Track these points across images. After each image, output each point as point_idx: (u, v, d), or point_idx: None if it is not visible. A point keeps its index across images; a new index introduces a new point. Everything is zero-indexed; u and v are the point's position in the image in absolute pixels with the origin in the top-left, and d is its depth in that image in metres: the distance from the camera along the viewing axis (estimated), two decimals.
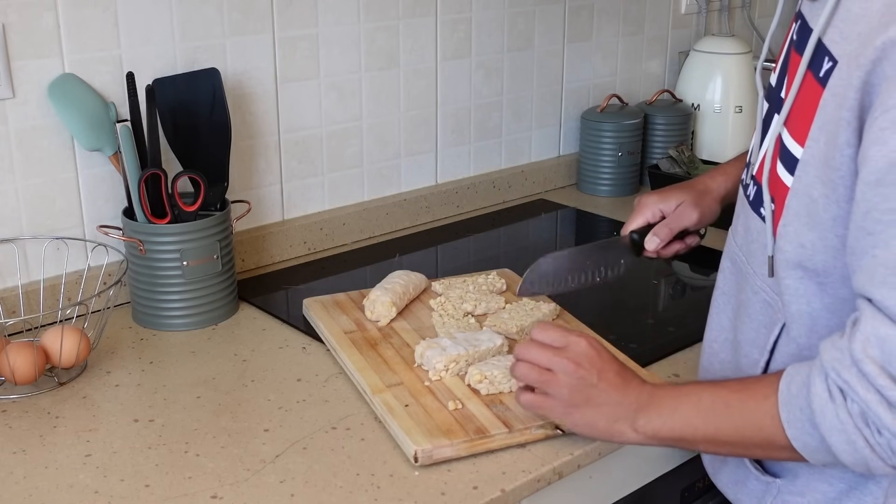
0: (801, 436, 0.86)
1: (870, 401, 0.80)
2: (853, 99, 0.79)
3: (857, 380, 0.80)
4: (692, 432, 0.94)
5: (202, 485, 0.97)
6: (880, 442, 0.81)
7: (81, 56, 1.30)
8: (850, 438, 0.82)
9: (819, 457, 0.87)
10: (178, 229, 1.29)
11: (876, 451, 0.82)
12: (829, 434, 0.83)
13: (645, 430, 0.95)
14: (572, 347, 0.98)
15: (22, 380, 1.13)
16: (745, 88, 2.04)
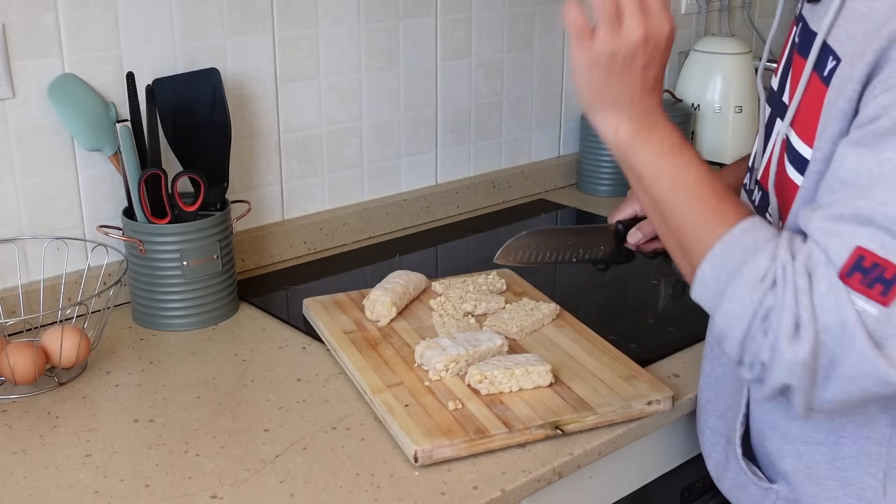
0: (710, 275, 0.85)
1: (787, 307, 0.79)
2: (852, 90, 0.80)
3: (792, 285, 0.79)
4: (654, 183, 0.89)
5: (202, 485, 0.97)
6: (756, 338, 0.81)
7: (81, 56, 1.30)
8: (741, 315, 0.81)
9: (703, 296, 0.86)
10: (178, 229, 1.29)
11: (745, 340, 0.82)
12: (731, 296, 0.83)
13: (623, 139, 0.89)
14: (655, 22, 0.86)
15: (22, 380, 1.14)
16: (745, 88, 2.04)
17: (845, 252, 0.76)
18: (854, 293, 0.76)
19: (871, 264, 0.75)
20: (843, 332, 0.76)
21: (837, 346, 0.77)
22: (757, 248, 0.83)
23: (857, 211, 0.77)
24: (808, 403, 0.81)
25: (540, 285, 1.41)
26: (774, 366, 0.80)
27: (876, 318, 0.76)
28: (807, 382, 0.79)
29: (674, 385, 1.16)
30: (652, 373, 1.17)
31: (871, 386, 0.77)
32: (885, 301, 0.75)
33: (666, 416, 1.12)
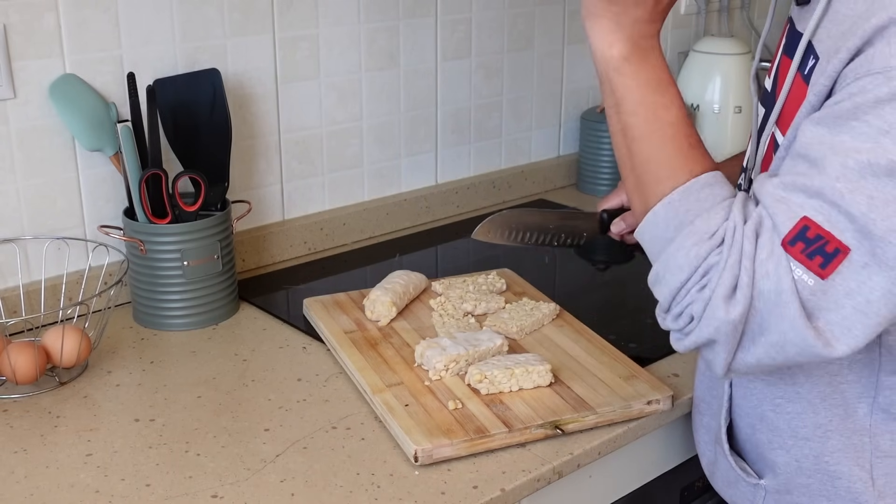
0: (662, 220, 0.86)
1: (729, 267, 0.80)
2: (822, 85, 0.81)
3: (739, 248, 0.80)
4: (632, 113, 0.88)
5: (203, 484, 0.98)
6: (691, 291, 0.82)
7: (82, 56, 1.30)
8: (682, 265, 0.82)
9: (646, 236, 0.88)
10: (178, 229, 1.29)
11: (680, 290, 0.83)
12: (677, 247, 0.83)
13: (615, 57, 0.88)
14: None
15: (23, 379, 1.14)
16: (745, 89, 2.04)
17: (791, 220, 0.78)
18: (794, 262, 0.77)
19: (815, 235, 0.77)
20: (777, 299, 0.78)
21: (769, 313, 0.78)
22: (713, 204, 0.84)
23: (809, 182, 0.78)
24: (727, 363, 0.82)
25: (540, 285, 1.41)
26: (704, 321, 0.81)
27: (811, 289, 0.77)
28: (732, 343, 0.81)
29: (673, 385, 1.17)
30: (651, 372, 1.17)
31: (794, 354, 0.79)
32: (823, 273, 0.77)
33: (665, 415, 1.13)
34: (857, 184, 0.75)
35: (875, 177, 0.75)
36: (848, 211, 0.76)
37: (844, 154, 0.76)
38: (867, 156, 0.75)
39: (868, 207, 0.75)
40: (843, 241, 0.76)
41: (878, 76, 0.76)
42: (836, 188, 0.76)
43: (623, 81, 0.88)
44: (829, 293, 0.77)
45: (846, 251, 0.76)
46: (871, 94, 0.76)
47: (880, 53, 0.76)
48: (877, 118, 0.75)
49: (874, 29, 0.77)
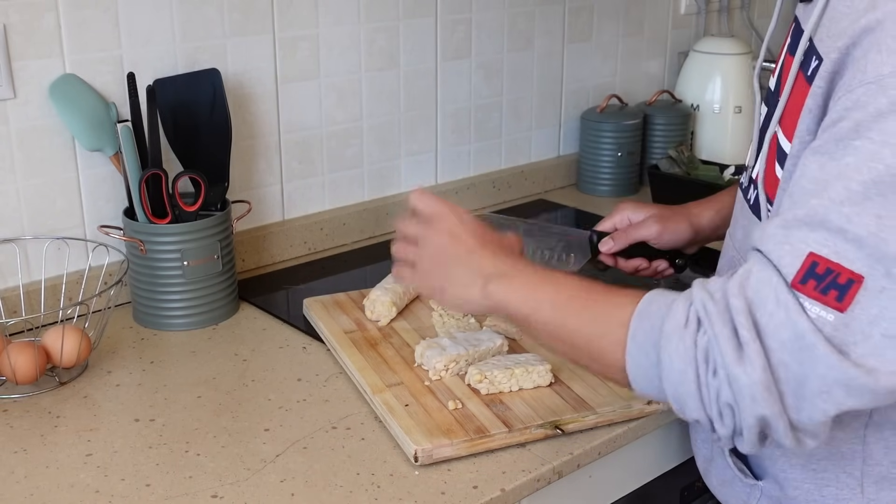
0: (637, 353, 0.83)
1: (721, 336, 0.77)
2: (818, 87, 0.80)
3: (719, 313, 0.78)
4: (538, 314, 0.91)
5: (203, 484, 0.98)
6: (710, 383, 0.78)
7: (82, 56, 1.30)
8: (684, 368, 0.79)
9: (642, 381, 0.84)
10: (178, 229, 1.29)
11: (700, 391, 0.79)
12: (665, 357, 0.80)
13: (494, 296, 0.93)
14: (439, 217, 0.98)
15: (23, 379, 1.14)
16: (745, 89, 2.04)
17: (798, 260, 0.75)
18: (809, 300, 0.74)
19: (825, 270, 0.74)
20: (800, 344, 0.75)
21: (800, 362, 0.75)
22: (668, 306, 0.82)
23: (810, 212, 0.75)
24: (789, 430, 0.78)
25: None
26: (739, 400, 0.77)
27: (833, 325, 0.74)
28: (777, 405, 0.76)
29: None
30: None
31: (843, 396, 0.74)
32: (841, 307, 0.74)
33: (665, 415, 1.13)
34: (862, 205, 0.73)
35: (881, 195, 0.72)
36: (857, 235, 0.73)
37: (847, 177, 0.74)
38: (869, 174, 0.72)
39: (878, 227, 0.72)
40: (854, 271, 0.73)
41: (871, 86, 0.74)
42: (842, 213, 0.73)
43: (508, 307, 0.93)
44: (851, 325, 0.74)
45: (860, 280, 0.73)
46: (870, 107, 0.73)
47: (872, 62, 0.74)
48: (879, 133, 0.73)
49: (862, 30, 0.75)
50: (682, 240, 1.21)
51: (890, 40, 0.73)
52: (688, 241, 1.22)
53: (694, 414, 0.81)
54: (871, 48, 0.74)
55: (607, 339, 0.86)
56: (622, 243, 1.20)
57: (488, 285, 0.94)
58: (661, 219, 1.20)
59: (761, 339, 0.76)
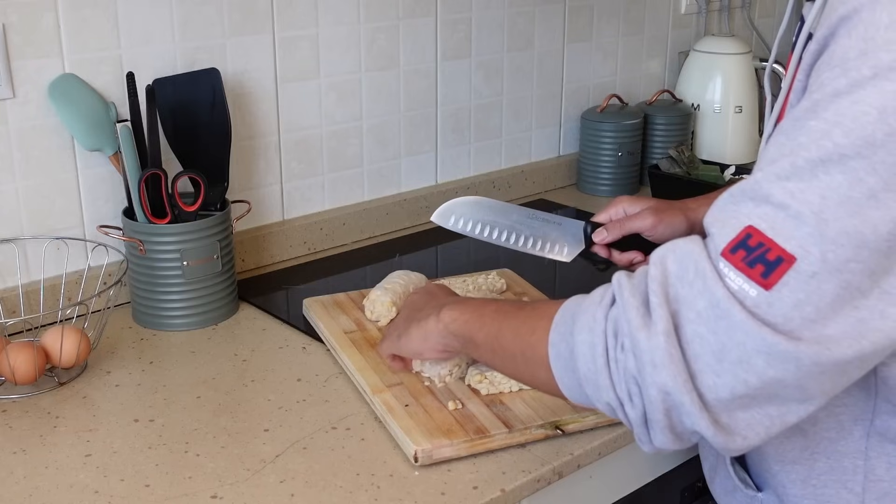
0: (558, 341, 0.82)
1: (629, 304, 0.75)
2: (800, 80, 0.79)
3: (633, 286, 0.76)
4: (479, 328, 0.95)
5: (202, 484, 0.97)
6: (618, 357, 0.76)
7: (81, 56, 1.30)
8: (594, 341, 0.78)
9: (564, 373, 0.82)
10: (178, 229, 1.29)
11: (609, 367, 0.77)
12: (578, 332, 0.79)
13: (444, 318, 1.00)
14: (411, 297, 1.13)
15: (22, 380, 1.14)
16: (745, 88, 2.04)
17: (734, 230, 0.73)
18: (734, 271, 0.72)
19: (757, 243, 0.72)
20: (716, 312, 0.72)
21: (716, 331, 0.72)
22: (590, 294, 0.82)
23: (755, 186, 0.73)
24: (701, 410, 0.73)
25: (540, 285, 1.41)
26: (640, 368, 0.74)
27: (755, 301, 0.71)
28: (681, 375, 0.73)
29: None
30: None
31: (763, 365, 0.71)
32: (767, 283, 0.71)
33: None
34: (808, 182, 0.70)
35: (827, 173, 0.70)
36: (798, 211, 0.70)
37: (795, 153, 0.72)
38: (818, 152, 0.70)
39: (821, 206, 0.70)
40: (786, 250, 0.70)
41: (835, 69, 0.72)
42: (786, 188, 0.71)
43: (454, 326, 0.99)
44: (774, 305, 0.71)
45: (790, 259, 0.70)
46: (828, 87, 0.71)
47: (840, 46, 0.73)
48: (834, 113, 0.70)
49: (839, 19, 0.74)
50: (677, 233, 1.19)
51: (861, 26, 0.72)
52: (683, 234, 1.21)
53: (605, 395, 0.78)
54: (842, 34, 0.73)
55: (536, 335, 0.86)
56: (616, 234, 1.18)
57: (441, 312, 1.01)
58: (657, 211, 1.18)
59: (677, 312, 0.74)
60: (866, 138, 0.69)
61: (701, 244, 0.75)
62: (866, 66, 0.70)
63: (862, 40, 0.71)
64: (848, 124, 0.70)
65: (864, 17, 0.72)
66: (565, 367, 0.82)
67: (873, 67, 0.69)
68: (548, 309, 0.86)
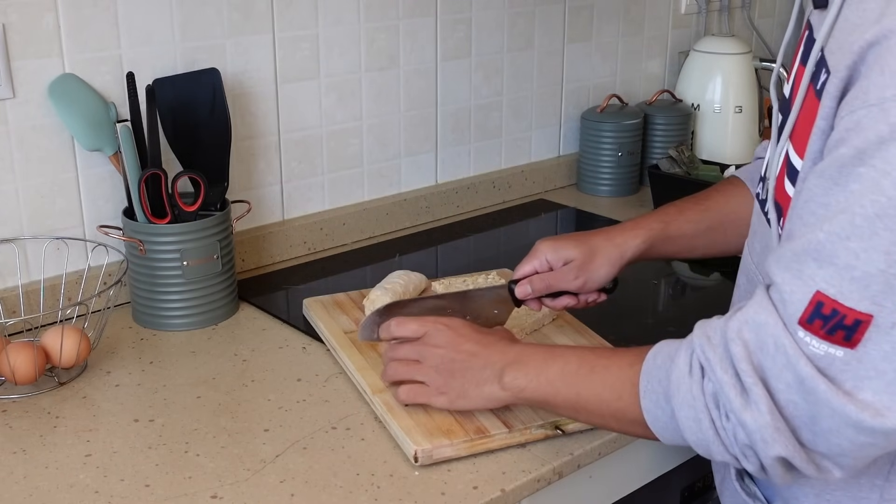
0: (653, 408, 0.86)
1: (724, 382, 0.79)
2: (828, 107, 0.77)
3: (720, 360, 0.79)
4: (555, 394, 0.95)
5: (202, 484, 0.97)
6: (726, 427, 0.80)
7: (82, 56, 1.30)
8: (698, 416, 0.81)
9: (667, 434, 0.86)
10: (178, 229, 1.29)
11: (720, 435, 0.81)
12: (679, 408, 0.82)
13: (511, 387, 0.98)
14: (430, 334, 1.03)
15: (22, 380, 1.14)
16: (745, 88, 2.04)
17: (806, 297, 0.75)
18: (817, 339, 0.74)
19: (831, 311, 0.73)
20: (804, 386, 0.75)
21: (807, 402, 0.75)
22: (672, 356, 0.84)
23: (818, 246, 0.74)
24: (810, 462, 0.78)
25: None
26: (753, 443, 0.79)
27: (844, 360, 0.74)
28: (790, 443, 0.77)
29: None
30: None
31: (853, 435, 0.75)
32: (851, 345, 0.73)
33: None
34: (870, 241, 0.71)
35: (888, 230, 0.70)
36: (865, 272, 0.71)
37: (851, 210, 0.72)
38: (873, 208, 0.71)
39: (887, 264, 0.71)
40: (861, 311, 0.72)
41: (873, 108, 0.71)
42: (849, 248, 0.72)
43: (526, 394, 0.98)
44: (864, 361, 0.73)
45: (868, 319, 0.72)
46: (871, 132, 0.71)
47: (875, 84, 0.72)
48: (882, 161, 0.71)
49: (868, 45, 0.73)
50: (605, 280, 1.17)
51: (893, 60, 0.71)
52: (612, 277, 1.19)
53: (720, 457, 0.83)
54: (874, 66, 0.72)
55: (623, 401, 0.89)
56: (542, 290, 1.15)
57: (503, 378, 0.98)
58: (581, 268, 1.15)
59: (766, 381, 0.77)
60: None
61: (775, 315, 0.77)
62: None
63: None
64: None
65: (894, 47, 0.71)
66: (670, 433, 0.86)
67: None
68: (626, 374, 0.89)
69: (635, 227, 1.19)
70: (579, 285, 1.16)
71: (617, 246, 1.17)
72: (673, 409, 0.83)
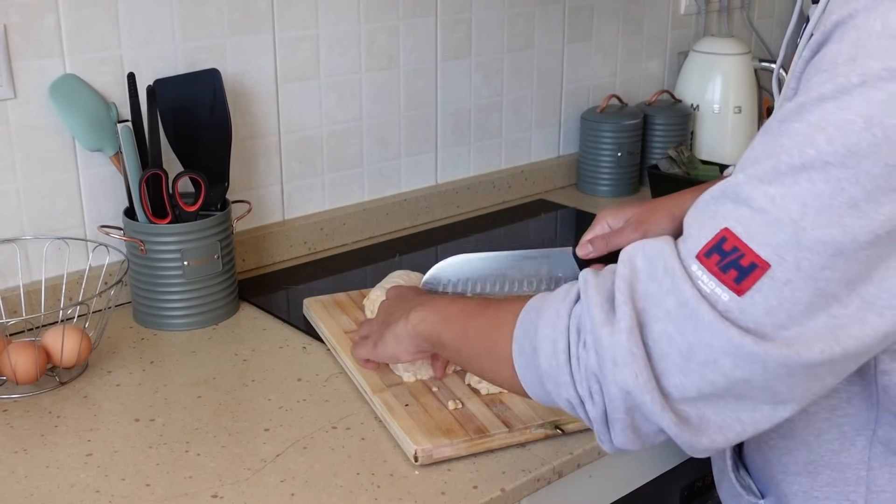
0: (522, 337, 0.82)
1: (593, 302, 0.75)
2: (792, 88, 0.77)
3: (598, 284, 0.76)
4: (445, 328, 0.96)
5: (203, 484, 0.98)
6: (580, 355, 0.76)
7: (82, 56, 1.31)
8: (556, 337, 0.77)
9: (526, 371, 0.82)
10: (178, 229, 1.29)
11: (570, 365, 0.77)
12: (541, 328, 0.78)
13: (413, 321, 1.01)
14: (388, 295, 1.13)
15: (23, 379, 1.14)
16: (745, 89, 2.04)
17: (711, 232, 0.72)
18: (707, 274, 0.71)
19: (731, 248, 0.71)
20: (685, 312, 0.71)
21: (684, 331, 0.71)
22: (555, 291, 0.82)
23: (737, 187, 0.72)
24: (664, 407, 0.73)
25: None
26: (601, 365, 0.74)
27: (726, 305, 0.71)
28: (643, 373, 0.72)
29: None
30: None
31: (730, 366, 0.71)
32: (739, 289, 0.70)
33: None
34: (789, 188, 0.69)
35: (809, 181, 0.68)
36: (777, 217, 0.69)
37: (778, 157, 0.70)
38: (800, 158, 0.69)
39: (800, 214, 0.68)
40: (761, 256, 0.69)
41: (824, 73, 0.71)
42: (766, 192, 0.70)
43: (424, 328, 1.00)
44: (746, 311, 0.70)
45: (765, 267, 0.69)
46: (815, 91, 0.70)
47: (831, 51, 0.71)
48: (818, 117, 0.69)
49: (833, 25, 0.72)
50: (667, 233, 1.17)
51: (854, 32, 0.70)
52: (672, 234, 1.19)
53: (566, 393, 0.78)
54: (835, 39, 0.72)
55: (500, 331, 0.86)
56: (602, 249, 1.14)
57: (410, 314, 1.02)
58: (640, 223, 1.14)
59: (644, 310, 0.74)
60: (850, 147, 0.67)
61: (672, 243, 0.75)
62: (855, 72, 0.68)
63: (853, 46, 0.70)
64: (832, 131, 0.68)
65: (857, 23, 0.71)
66: (527, 364, 0.82)
67: (862, 75, 0.68)
68: (513, 306, 0.86)
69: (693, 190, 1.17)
70: (638, 238, 1.11)
71: (678, 204, 1.15)
72: (536, 332, 0.79)
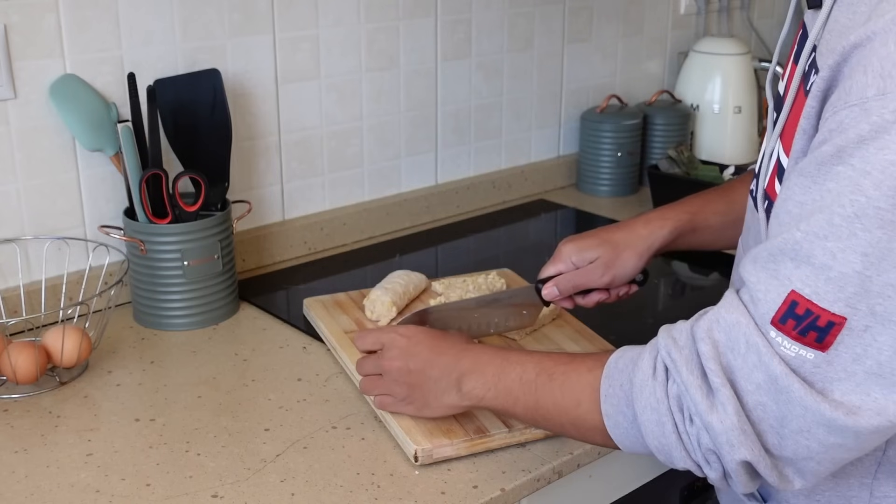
0: (614, 413, 0.84)
1: (690, 384, 0.77)
2: (811, 107, 0.77)
3: (686, 361, 0.78)
4: (514, 402, 0.94)
5: (203, 484, 0.98)
6: (689, 431, 0.79)
7: (83, 57, 1.31)
8: (661, 420, 0.79)
9: (627, 441, 0.85)
10: (179, 229, 1.29)
11: (682, 440, 0.79)
12: (641, 412, 0.81)
13: (471, 396, 0.97)
14: (386, 346, 1.03)
15: (24, 379, 1.14)
16: (744, 89, 2.04)
17: (780, 297, 0.74)
18: (788, 340, 0.74)
19: (804, 311, 0.73)
20: (776, 386, 0.74)
21: (778, 402, 0.74)
22: (635, 360, 0.83)
23: (795, 245, 0.73)
24: (773, 469, 0.77)
25: None
26: (718, 447, 0.77)
27: (814, 363, 0.73)
28: (756, 447, 0.76)
29: None
30: None
31: (824, 435, 0.74)
32: (822, 347, 0.73)
33: None
34: (848, 241, 0.70)
35: (865, 230, 0.69)
36: (841, 273, 0.71)
37: (829, 209, 0.71)
38: (852, 208, 0.70)
39: (863, 265, 0.70)
40: (835, 313, 0.71)
41: (854, 108, 0.71)
42: (826, 248, 0.71)
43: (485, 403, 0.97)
44: (834, 363, 0.73)
45: (841, 322, 0.71)
46: (852, 131, 0.70)
47: (857, 83, 0.71)
48: (860, 160, 0.70)
49: (852, 46, 0.72)
50: (633, 274, 1.15)
51: (876, 60, 0.70)
52: (640, 269, 1.18)
53: (681, 463, 0.81)
54: (857, 67, 0.72)
55: (583, 408, 0.88)
56: (568, 291, 1.15)
57: (462, 387, 0.98)
58: (608, 267, 1.14)
59: (734, 383, 0.76)
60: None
61: (746, 315, 0.76)
62: (888, 109, 0.69)
63: (879, 77, 0.70)
64: (877, 175, 0.69)
65: (878, 51, 0.71)
66: (630, 440, 0.85)
67: (895, 111, 0.69)
68: (587, 379, 0.88)
69: (662, 217, 1.18)
70: (607, 282, 1.14)
71: (643, 238, 1.16)
72: (635, 414, 0.82)
